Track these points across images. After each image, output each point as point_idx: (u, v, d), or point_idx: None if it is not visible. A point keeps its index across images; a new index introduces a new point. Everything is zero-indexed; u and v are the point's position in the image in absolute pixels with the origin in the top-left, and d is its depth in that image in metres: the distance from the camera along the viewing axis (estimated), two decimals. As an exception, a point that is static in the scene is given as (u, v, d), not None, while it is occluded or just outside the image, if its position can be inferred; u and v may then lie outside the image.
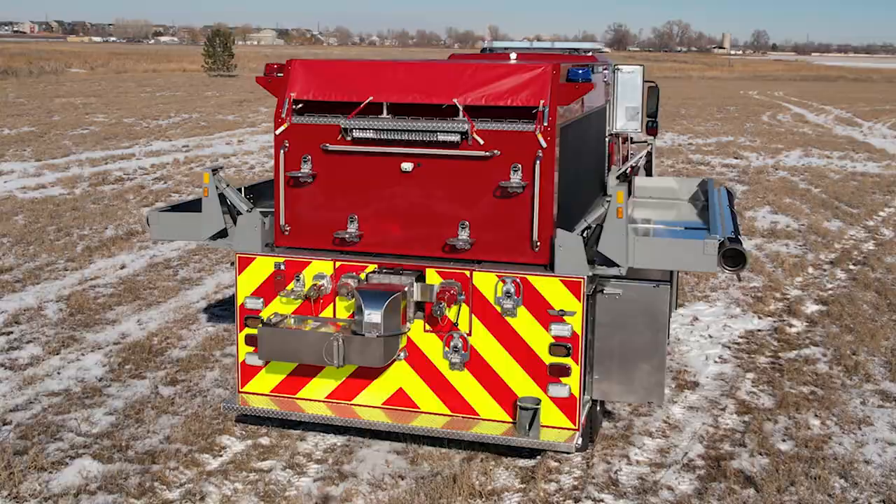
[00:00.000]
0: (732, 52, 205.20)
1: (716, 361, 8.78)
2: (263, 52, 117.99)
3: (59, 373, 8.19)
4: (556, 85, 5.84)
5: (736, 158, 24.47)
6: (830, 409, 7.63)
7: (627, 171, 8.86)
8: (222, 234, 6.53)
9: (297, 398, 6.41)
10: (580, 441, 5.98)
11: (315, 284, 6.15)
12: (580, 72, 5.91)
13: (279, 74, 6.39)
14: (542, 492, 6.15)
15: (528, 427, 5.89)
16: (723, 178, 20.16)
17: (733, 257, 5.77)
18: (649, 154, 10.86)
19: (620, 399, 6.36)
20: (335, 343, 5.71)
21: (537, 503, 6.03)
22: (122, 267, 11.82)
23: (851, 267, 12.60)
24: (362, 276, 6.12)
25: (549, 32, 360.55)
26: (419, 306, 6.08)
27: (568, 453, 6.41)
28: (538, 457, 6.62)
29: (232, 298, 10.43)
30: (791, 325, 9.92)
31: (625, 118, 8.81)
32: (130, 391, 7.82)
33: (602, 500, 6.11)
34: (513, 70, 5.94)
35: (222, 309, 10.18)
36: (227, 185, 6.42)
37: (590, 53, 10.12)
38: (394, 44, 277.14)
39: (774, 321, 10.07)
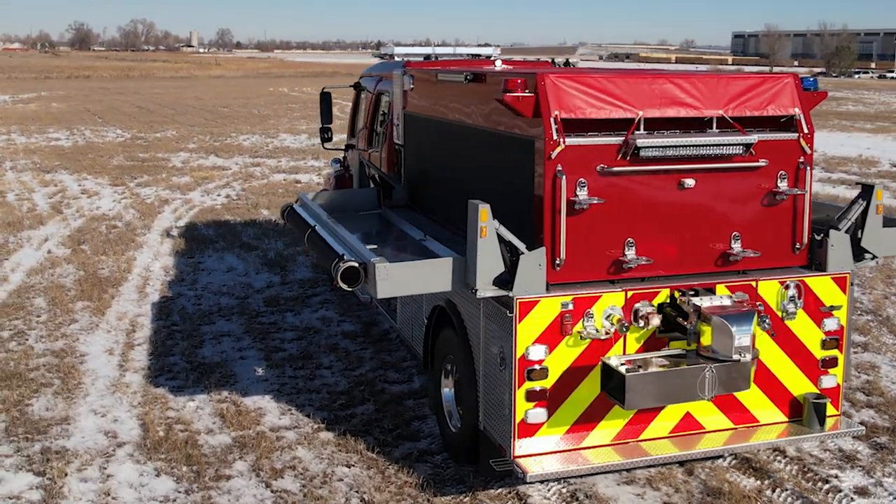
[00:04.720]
0: (201, 49, 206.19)
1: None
2: None
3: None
4: (801, 93, 6.11)
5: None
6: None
7: None
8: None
9: (582, 448, 5.78)
10: (855, 424, 6.39)
11: (618, 319, 5.63)
12: (811, 80, 6.26)
13: (528, 92, 5.64)
14: (793, 480, 6.43)
15: (820, 421, 6.12)
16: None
17: None
18: None
19: None
20: (707, 374, 5.36)
21: (803, 491, 6.30)
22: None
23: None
24: (654, 302, 5.76)
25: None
26: None
27: (857, 437, 6.94)
28: (728, 454, 6.83)
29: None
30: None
31: None
32: (248, 496, 6.25)
33: (837, 476, 6.59)
34: (762, 80, 6.07)
35: (132, 373, 8.35)
36: (499, 223, 5.51)
37: (491, 58, 10.24)
38: None
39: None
